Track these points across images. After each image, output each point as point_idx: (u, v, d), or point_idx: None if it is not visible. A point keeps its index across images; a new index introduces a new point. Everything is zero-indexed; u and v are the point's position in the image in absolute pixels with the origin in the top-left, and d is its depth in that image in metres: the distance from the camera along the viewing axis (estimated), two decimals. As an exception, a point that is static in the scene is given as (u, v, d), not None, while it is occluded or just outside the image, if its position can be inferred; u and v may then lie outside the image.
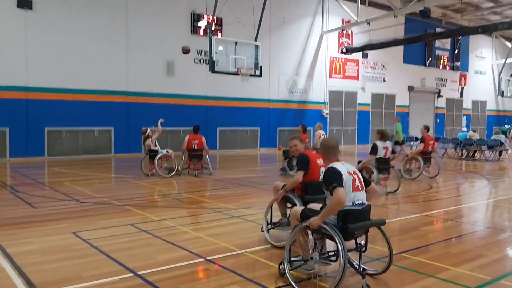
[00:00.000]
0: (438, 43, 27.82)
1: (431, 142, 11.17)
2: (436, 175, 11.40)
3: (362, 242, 3.95)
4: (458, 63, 29.28)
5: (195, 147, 11.22)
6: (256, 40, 14.94)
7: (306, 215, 4.00)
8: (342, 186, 3.65)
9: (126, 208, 7.10)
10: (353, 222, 3.71)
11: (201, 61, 18.26)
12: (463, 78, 29.85)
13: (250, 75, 14.66)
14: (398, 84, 25.81)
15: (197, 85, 18.15)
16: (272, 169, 12.73)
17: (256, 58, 14.72)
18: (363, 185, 3.88)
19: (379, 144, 8.65)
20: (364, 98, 24.26)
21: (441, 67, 28.33)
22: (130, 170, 12.31)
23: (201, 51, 18.20)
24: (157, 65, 17.14)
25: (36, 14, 14.65)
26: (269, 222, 5.27)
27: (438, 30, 25.76)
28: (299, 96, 21.50)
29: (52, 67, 15.07)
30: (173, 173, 10.88)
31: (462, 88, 29.88)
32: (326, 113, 22.39)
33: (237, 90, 18.94)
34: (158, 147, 11.04)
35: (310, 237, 3.99)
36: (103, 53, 15.93)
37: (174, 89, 17.57)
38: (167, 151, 11.08)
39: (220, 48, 14.20)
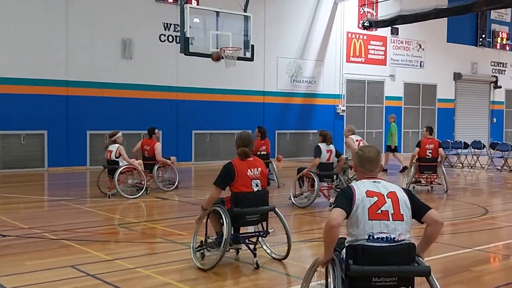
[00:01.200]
0: (494, 14, 28.14)
1: (430, 146, 11.97)
2: (446, 191, 11.90)
3: None
4: (522, 42, 29.66)
5: (146, 155, 11.88)
6: (245, 10, 14.99)
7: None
8: (342, 208, 3.61)
9: (65, 243, 7.04)
10: (367, 263, 3.52)
11: (170, 38, 18.28)
12: (528, 62, 30.22)
13: (238, 58, 14.67)
14: (440, 70, 26.05)
15: (164, 72, 18.15)
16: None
17: (246, 35, 14.74)
18: (403, 213, 3.66)
19: (322, 146, 10.00)
20: (394, 89, 24.43)
21: (498, 47, 28.65)
22: (71, 190, 12.22)
23: (170, 25, 18.22)
24: (108, 45, 17.13)
25: None
26: (202, 243, 6.04)
27: (494, -4, 26.09)
28: (305, 87, 21.58)
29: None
30: (141, 193, 10.97)
31: (528, 76, 30.23)
32: (342, 110, 22.51)
33: (220, 79, 18.96)
34: (120, 158, 11.09)
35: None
36: (34, 30, 15.89)
37: (132, 77, 17.55)
38: (132, 162, 11.20)
39: (196, 20, 14.20)
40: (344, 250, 3.70)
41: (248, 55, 14.85)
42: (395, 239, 3.58)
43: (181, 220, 8.80)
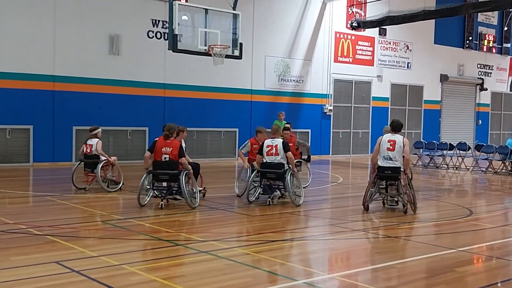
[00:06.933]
0: (481, 17, 28.39)
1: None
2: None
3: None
4: (508, 45, 29.94)
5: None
6: (234, 8, 15.00)
7: None
8: (260, 154, 9.71)
9: (50, 239, 7.02)
10: (264, 168, 9.67)
11: (158, 35, 18.22)
12: (514, 65, 30.54)
13: (226, 56, 14.69)
14: (427, 72, 26.23)
15: (152, 68, 18.10)
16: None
17: (235, 33, 14.76)
18: (279, 152, 9.57)
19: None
20: (381, 90, 24.56)
21: (485, 49, 28.91)
22: (56, 186, 12.15)
23: (158, 22, 18.17)
24: (95, 41, 17.03)
25: None
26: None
27: (481, -1, 26.32)
28: (293, 86, 21.62)
29: None
30: (118, 187, 11.22)
31: (513, 79, 30.56)
32: (329, 110, 22.60)
33: (208, 77, 18.95)
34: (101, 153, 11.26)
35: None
36: (21, 25, 15.76)
37: (120, 73, 17.48)
38: (109, 156, 11.34)
39: (185, 17, 14.18)
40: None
41: (237, 53, 14.88)
42: (272, 161, 9.58)
43: (168, 218, 8.79)
